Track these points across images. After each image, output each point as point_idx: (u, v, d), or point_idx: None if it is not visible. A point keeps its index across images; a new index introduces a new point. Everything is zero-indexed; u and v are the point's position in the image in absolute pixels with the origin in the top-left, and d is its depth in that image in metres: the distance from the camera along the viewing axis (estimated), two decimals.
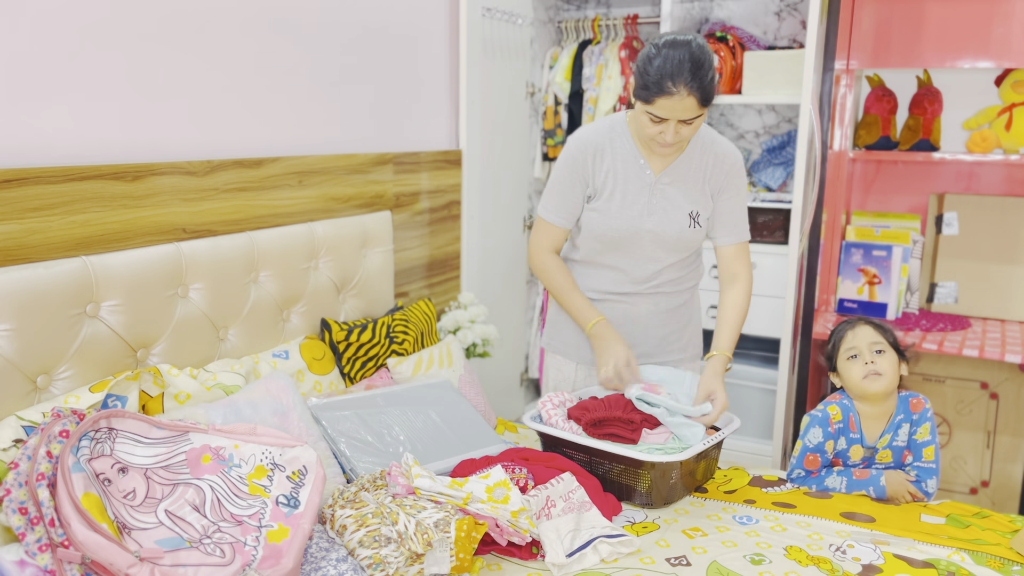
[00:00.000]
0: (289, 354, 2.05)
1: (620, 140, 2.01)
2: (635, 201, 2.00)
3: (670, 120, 1.82)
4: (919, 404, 1.97)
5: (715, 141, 2.04)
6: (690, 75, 1.76)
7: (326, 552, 1.51)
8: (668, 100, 1.78)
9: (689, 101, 1.78)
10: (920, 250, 3.13)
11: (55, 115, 1.69)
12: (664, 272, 2.07)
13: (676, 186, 2.01)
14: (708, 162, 2.01)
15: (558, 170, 2.05)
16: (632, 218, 2.00)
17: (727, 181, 2.03)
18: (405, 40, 2.67)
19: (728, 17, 3.41)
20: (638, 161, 1.99)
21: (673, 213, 2.00)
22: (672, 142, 1.87)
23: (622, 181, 2.00)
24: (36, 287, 1.54)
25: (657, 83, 1.77)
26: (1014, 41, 2.73)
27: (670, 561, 1.62)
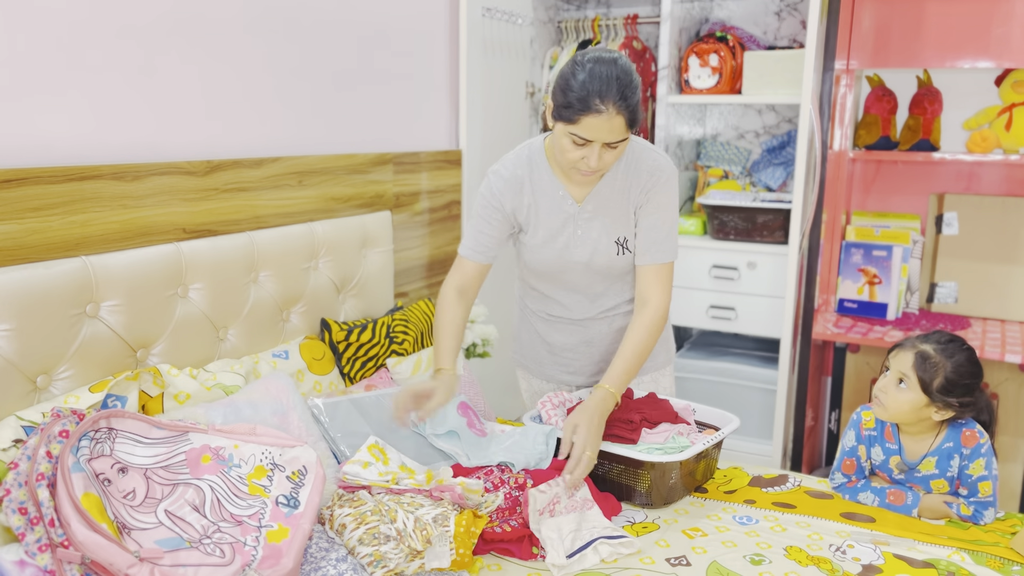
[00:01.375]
0: (289, 354, 2.05)
1: (538, 171, 1.88)
2: (559, 234, 1.90)
3: (594, 143, 1.67)
4: (973, 438, 1.80)
5: (644, 157, 1.88)
6: (618, 93, 1.62)
7: (326, 552, 1.51)
8: (595, 119, 1.63)
9: (617, 121, 1.64)
10: (920, 250, 3.13)
11: (55, 115, 1.69)
12: (607, 298, 2.01)
13: (600, 214, 1.89)
14: (631, 181, 1.87)
15: (478, 204, 1.93)
16: (559, 251, 1.91)
17: (648, 197, 1.87)
18: (405, 40, 2.67)
19: (728, 17, 3.41)
20: (558, 192, 1.87)
21: (600, 243, 1.90)
22: (596, 168, 1.72)
23: (545, 215, 1.89)
24: (36, 287, 1.54)
25: (583, 100, 1.63)
26: (1014, 41, 2.73)
27: (670, 561, 1.62)
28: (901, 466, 1.89)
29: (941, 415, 1.79)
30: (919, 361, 1.78)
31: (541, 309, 2.09)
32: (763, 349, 3.43)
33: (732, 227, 3.05)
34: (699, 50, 3.07)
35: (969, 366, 1.78)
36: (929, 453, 1.85)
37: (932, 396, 1.77)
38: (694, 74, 3.09)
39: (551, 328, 2.10)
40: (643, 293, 1.93)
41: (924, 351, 1.79)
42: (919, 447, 1.86)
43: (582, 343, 2.08)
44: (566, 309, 2.04)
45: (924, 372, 1.77)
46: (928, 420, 1.83)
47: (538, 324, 2.12)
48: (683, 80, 3.14)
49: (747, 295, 3.04)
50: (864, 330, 2.90)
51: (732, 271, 3.04)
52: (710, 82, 3.07)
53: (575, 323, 2.06)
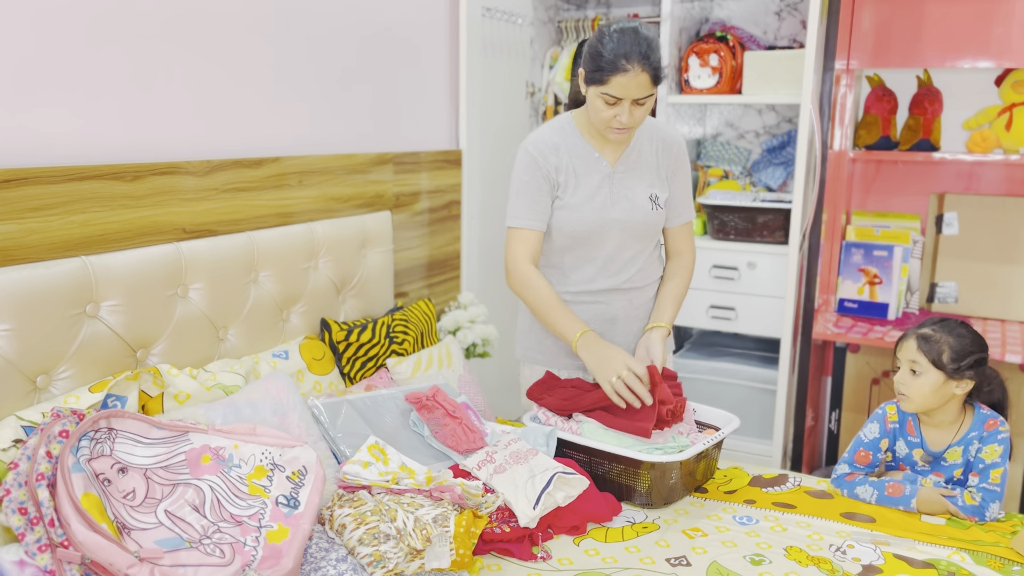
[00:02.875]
0: (289, 354, 2.05)
1: (571, 137, 2.04)
2: (597, 193, 2.03)
3: (624, 101, 1.86)
4: (993, 424, 1.86)
5: (660, 128, 2.11)
6: (642, 53, 1.82)
7: (326, 552, 1.51)
8: (623, 77, 1.83)
9: (643, 78, 1.83)
10: (920, 250, 3.13)
11: (55, 115, 1.69)
12: (633, 263, 2.09)
13: (632, 173, 2.05)
14: (657, 147, 2.07)
15: (521, 175, 2.02)
16: (597, 209, 2.02)
17: (676, 164, 2.10)
18: (405, 40, 2.67)
19: (728, 17, 3.41)
20: (592, 155, 2.03)
21: (636, 199, 2.04)
22: (627, 124, 1.90)
23: (581, 175, 2.03)
24: (36, 287, 1.54)
25: (612, 62, 1.83)
26: (1014, 41, 2.73)
27: (670, 561, 1.62)
28: (925, 457, 1.93)
29: (962, 387, 1.85)
30: (922, 343, 1.87)
31: (564, 289, 2.09)
32: (763, 349, 3.42)
33: (732, 227, 3.05)
34: (699, 50, 3.07)
35: (969, 335, 1.87)
36: (955, 443, 1.89)
37: (946, 370, 1.84)
38: (694, 74, 3.09)
39: (573, 310, 2.08)
40: (676, 246, 2.17)
41: (923, 333, 1.89)
42: (943, 438, 1.91)
43: (607, 322, 2.09)
44: (591, 281, 2.08)
45: (930, 351, 1.85)
46: (955, 404, 1.88)
47: None
48: (683, 80, 3.13)
49: (747, 295, 3.04)
50: (864, 330, 2.90)
51: (732, 271, 3.04)
52: (710, 82, 3.07)
53: (596, 298, 2.08)
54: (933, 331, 1.88)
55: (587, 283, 2.07)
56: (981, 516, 1.80)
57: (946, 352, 1.84)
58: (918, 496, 1.84)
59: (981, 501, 1.81)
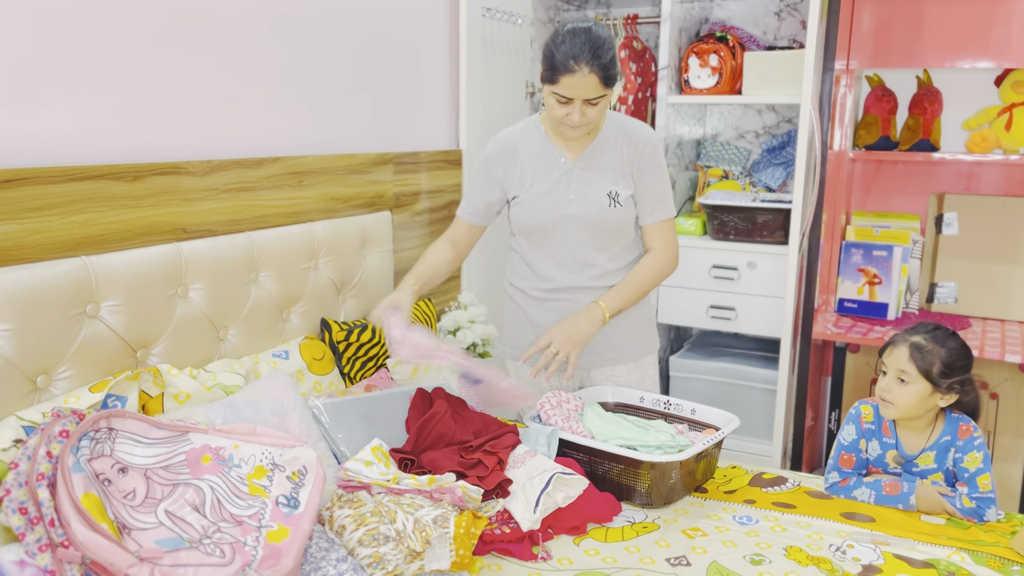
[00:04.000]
0: (289, 354, 2.05)
1: (534, 137, 2.09)
2: (554, 189, 2.05)
3: (575, 100, 1.89)
4: (967, 431, 1.85)
5: (629, 125, 2.09)
6: (591, 54, 1.84)
7: (326, 552, 1.51)
8: (571, 78, 1.85)
9: (591, 79, 1.85)
10: (920, 250, 3.13)
11: (55, 115, 1.69)
12: (597, 260, 2.09)
13: (593, 169, 2.06)
14: (623, 144, 2.06)
15: (474, 171, 2.16)
16: (552, 205, 2.05)
17: (643, 161, 2.07)
18: (405, 40, 2.67)
19: (728, 17, 3.41)
20: (552, 151, 2.06)
21: (592, 195, 2.04)
22: (579, 123, 1.92)
23: (540, 172, 2.06)
24: (36, 287, 1.54)
25: (562, 63, 1.86)
26: (1014, 41, 2.73)
27: (670, 561, 1.62)
28: (898, 459, 1.91)
29: (946, 400, 1.83)
30: (915, 352, 1.83)
31: (529, 285, 2.14)
32: (763, 349, 3.42)
33: (732, 227, 3.05)
34: (699, 50, 3.07)
35: (961, 348, 1.84)
36: (928, 448, 1.88)
37: (935, 383, 1.81)
38: (694, 74, 3.09)
39: (539, 306, 2.14)
40: (649, 244, 2.14)
41: (916, 342, 1.84)
42: (916, 441, 1.89)
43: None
44: (552, 279, 2.10)
45: (922, 362, 1.81)
46: (931, 411, 1.86)
47: (526, 304, 2.17)
48: (683, 80, 3.13)
49: (747, 295, 3.04)
50: (864, 330, 2.90)
51: (732, 271, 3.04)
52: (710, 82, 3.07)
53: (564, 295, 2.10)
54: (926, 341, 1.84)
55: (553, 280, 2.11)
56: (980, 518, 1.80)
57: (937, 365, 1.80)
58: (916, 493, 1.84)
59: (977, 507, 1.81)
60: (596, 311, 2.04)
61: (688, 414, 2.09)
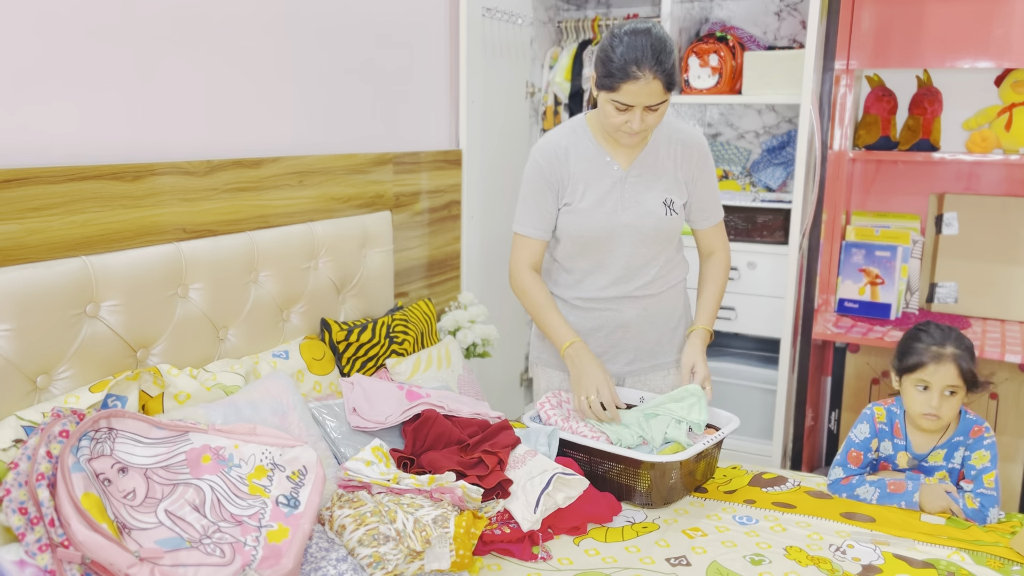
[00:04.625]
0: (289, 354, 2.05)
1: (583, 141, 2.00)
2: (607, 198, 1.98)
3: (636, 107, 1.81)
4: (979, 431, 1.89)
5: (679, 129, 2.03)
6: (654, 59, 1.76)
7: (326, 552, 1.51)
8: (634, 85, 1.78)
9: (655, 85, 1.78)
10: (920, 250, 3.13)
11: (55, 115, 1.69)
12: (647, 270, 2.04)
13: (646, 177, 1.99)
14: (676, 150, 2.01)
15: (527, 182, 2.02)
16: (607, 215, 1.98)
17: (699, 168, 2.03)
18: (405, 40, 2.67)
19: (728, 17, 3.41)
20: (604, 158, 1.99)
21: (647, 204, 1.99)
22: (639, 130, 1.85)
23: (591, 179, 1.99)
24: (36, 287, 1.54)
25: (622, 69, 1.77)
26: (1014, 41, 2.73)
27: (670, 561, 1.62)
28: (911, 462, 1.94)
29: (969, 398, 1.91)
30: (962, 365, 1.85)
31: (571, 294, 2.08)
32: (763, 349, 3.42)
33: (732, 227, 3.05)
34: (699, 50, 3.07)
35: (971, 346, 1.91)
36: (939, 446, 1.91)
37: (975, 388, 1.89)
38: (694, 74, 3.09)
39: (582, 315, 2.08)
40: (708, 247, 2.14)
41: (957, 355, 1.86)
42: (927, 442, 1.92)
43: (618, 328, 2.07)
44: (600, 289, 2.04)
45: (968, 373, 1.86)
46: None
47: (567, 312, 2.09)
48: (683, 80, 3.14)
49: (747, 295, 3.04)
50: (864, 330, 2.90)
51: (732, 271, 3.04)
52: (710, 82, 3.07)
53: (609, 304, 2.05)
54: (961, 350, 1.86)
55: (599, 290, 2.04)
56: (982, 520, 1.80)
57: (972, 370, 1.86)
58: (921, 491, 1.85)
59: (980, 506, 1.81)
60: (706, 336, 2.06)
61: None
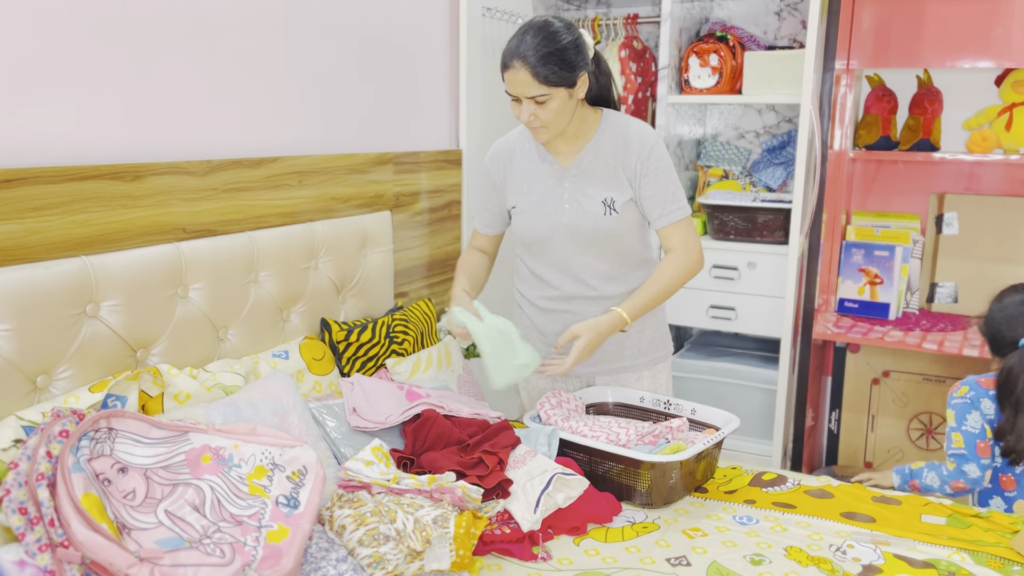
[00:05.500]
0: (289, 354, 2.05)
1: (529, 143, 2.05)
2: (549, 197, 2.01)
3: (522, 99, 1.86)
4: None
5: (626, 126, 1.99)
6: (529, 49, 1.80)
7: (326, 552, 1.51)
8: (509, 75, 1.84)
9: (523, 75, 1.81)
10: (920, 250, 3.13)
11: (55, 115, 1.69)
12: (597, 270, 2.03)
13: (586, 176, 1.99)
14: (618, 148, 1.97)
15: (479, 180, 2.16)
16: (547, 215, 2.01)
17: (642, 164, 1.95)
18: (405, 40, 2.67)
19: (728, 17, 3.41)
20: (547, 158, 2.02)
21: (586, 203, 1.98)
22: (530, 123, 1.89)
23: (535, 179, 2.03)
24: (36, 287, 1.54)
25: (503, 57, 1.85)
26: (1014, 41, 2.73)
27: (670, 561, 1.62)
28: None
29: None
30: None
31: (536, 295, 2.12)
32: (763, 349, 3.43)
33: (732, 227, 3.05)
34: (699, 50, 3.07)
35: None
36: None
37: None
38: (694, 74, 3.09)
39: (545, 316, 2.11)
40: (667, 246, 2.05)
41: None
42: None
43: None
44: (556, 288, 2.07)
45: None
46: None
47: (533, 313, 2.14)
48: (683, 80, 3.14)
49: (747, 295, 3.04)
50: (864, 330, 2.90)
51: (732, 271, 3.04)
52: (710, 82, 3.07)
53: (568, 305, 2.07)
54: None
55: (556, 289, 2.07)
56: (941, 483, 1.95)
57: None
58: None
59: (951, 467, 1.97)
60: (617, 322, 1.96)
61: (688, 414, 2.09)
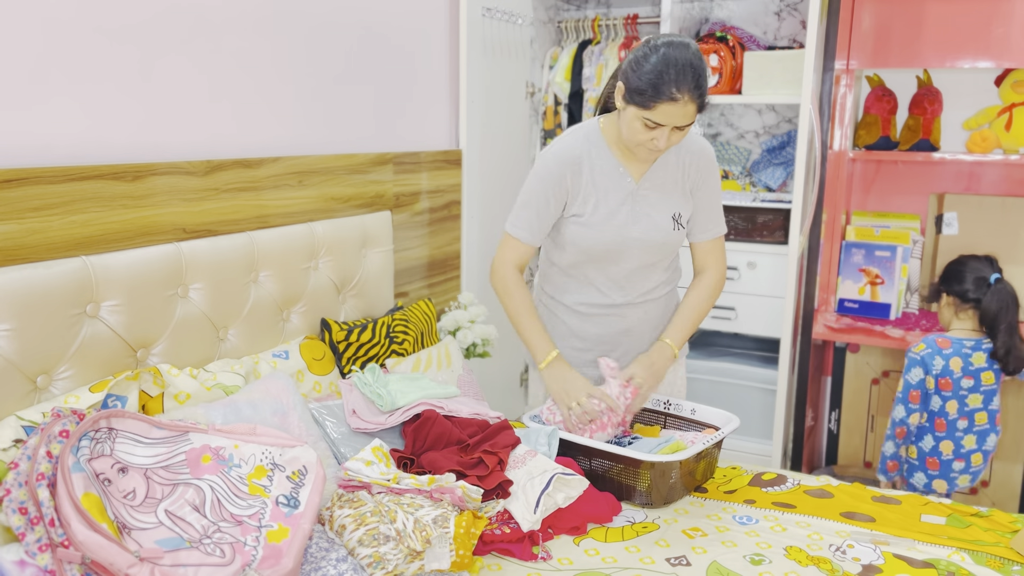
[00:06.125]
0: (289, 354, 2.05)
1: (597, 150, 1.95)
2: (618, 211, 1.95)
3: (665, 126, 1.77)
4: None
5: (688, 138, 1.99)
6: (693, 81, 1.72)
7: (326, 552, 1.51)
8: (671, 106, 1.73)
9: (690, 108, 1.74)
10: (920, 250, 3.13)
11: (55, 115, 1.69)
12: (650, 278, 2.03)
13: (657, 191, 1.97)
14: (685, 161, 1.97)
15: (533, 184, 1.96)
16: (618, 228, 1.95)
17: (702, 177, 1.99)
18: (405, 40, 2.67)
19: (728, 17, 3.41)
20: (618, 169, 1.95)
21: (657, 218, 1.96)
22: (664, 148, 1.82)
23: (603, 192, 1.94)
24: (36, 287, 1.54)
25: (657, 87, 1.72)
26: (1014, 41, 2.73)
27: (670, 561, 1.62)
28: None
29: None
30: None
31: (576, 301, 2.05)
32: (763, 349, 3.42)
33: (732, 227, 3.05)
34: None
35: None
36: None
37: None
38: None
39: (585, 321, 2.06)
40: (701, 263, 2.08)
41: None
42: None
43: (620, 333, 2.06)
44: (604, 296, 2.03)
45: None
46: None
47: (569, 318, 2.08)
48: None
49: (747, 295, 3.04)
50: (864, 330, 2.90)
51: (732, 271, 3.04)
52: (710, 82, 3.07)
53: (612, 310, 2.04)
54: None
55: (602, 296, 2.03)
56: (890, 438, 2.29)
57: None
58: None
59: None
60: (666, 349, 2.00)
61: (688, 414, 2.09)
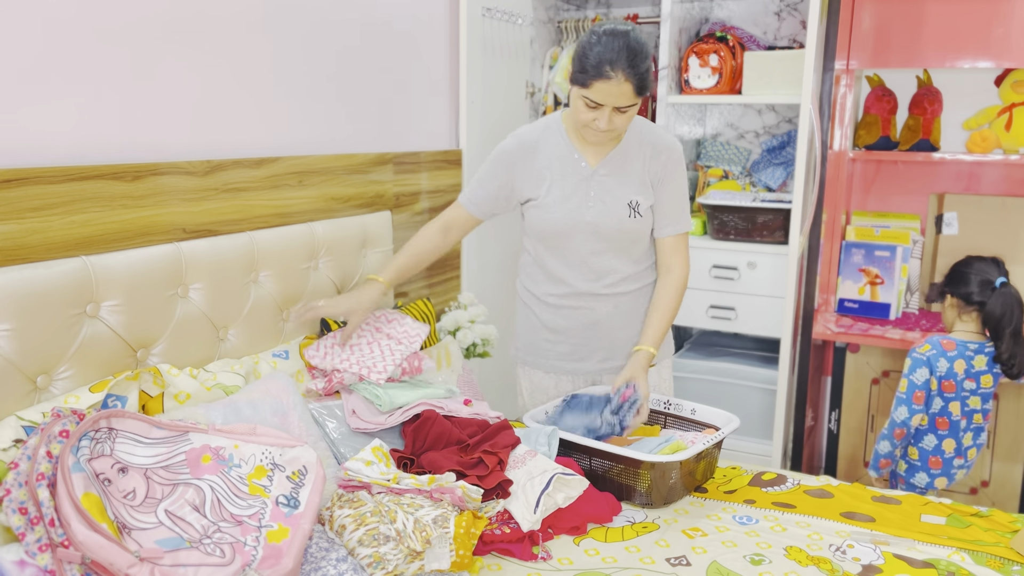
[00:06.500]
0: (289, 354, 2.05)
1: (554, 137, 2.03)
2: (573, 194, 2.00)
3: (605, 107, 1.84)
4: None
5: (652, 132, 2.04)
6: (627, 62, 1.79)
7: (326, 552, 1.51)
8: (605, 84, 1.80)
9: (625, 87, 1.81)
10: (920, 250, 3.13)
11: (55, 115, 1.69)
12: (615, 268, 2.05)
13: (614, 176, 2.00)
14: (646, 153, 2.01)
15: (490, 159, 2.08)
16: (570, 211, 1.99)
17: (667, 172, 2.02)
18: (405, 40, 2.67)
19: (728, 17, 3.41)
20: (573, 155, 2.01)
21: (612, 204, 1.99)
22: (606, 129, 1.87)
23: (558, 176, 2.01)
24: (36, 287, 1.54)
25: (596, 67, 1.80)
26: (1014, 41, 2.73)
27: (670, 561, 1.62)
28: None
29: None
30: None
31: (545, 292, 2.10)
32: (763, 349, 3.42)
33: (732, 227, 3.05)
34: (699, 50, 3.07)
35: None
36: None
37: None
38: (694, 74, 3.09)
39: (555, 313, 2.10)
40: (666, 261, 2.09)
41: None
42: None
43: (588, 326, 2.08)
44: (569, 285, 2.06)
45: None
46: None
47: (541, 311, 2.13)
48: (683, 80, 3.14)
49: (747, 295, 3.04)
50: (864, 330, 2.90)
51: (732, 271, 3.04)
52: (710, 82, 3.07)
53: (579, 302, 2.06)
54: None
55: (568, 286, 2.07)
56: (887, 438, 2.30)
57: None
58: None
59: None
60: (644, 356, 2.00)
61: (688, 414, 2.09)
